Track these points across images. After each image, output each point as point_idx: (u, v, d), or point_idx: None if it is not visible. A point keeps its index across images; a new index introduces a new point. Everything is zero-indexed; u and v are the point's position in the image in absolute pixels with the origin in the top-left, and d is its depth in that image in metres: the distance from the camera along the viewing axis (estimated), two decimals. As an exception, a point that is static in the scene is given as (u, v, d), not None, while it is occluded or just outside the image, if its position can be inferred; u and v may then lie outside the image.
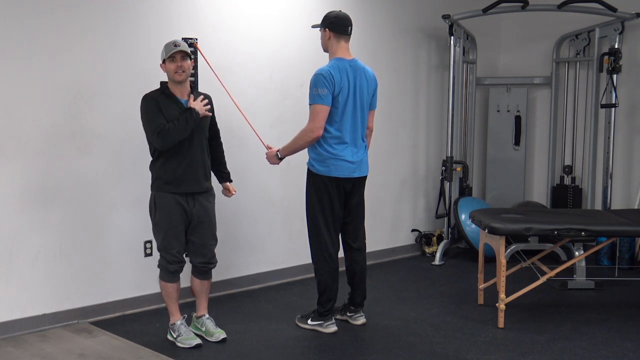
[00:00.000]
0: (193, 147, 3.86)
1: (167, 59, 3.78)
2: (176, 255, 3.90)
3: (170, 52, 3.76)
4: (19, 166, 4.06)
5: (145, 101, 3.82)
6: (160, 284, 3.99)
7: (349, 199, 4.18)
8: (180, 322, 4.00)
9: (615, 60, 5.78)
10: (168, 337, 4.04)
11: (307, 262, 4.55)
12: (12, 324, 4.08)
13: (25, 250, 4.11)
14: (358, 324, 4.31)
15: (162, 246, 3.90)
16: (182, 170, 3.84)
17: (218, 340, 3.99)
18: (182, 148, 3.82)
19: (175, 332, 3.98)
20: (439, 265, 6.00)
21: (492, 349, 3.91)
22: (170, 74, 3.80)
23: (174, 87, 3.85)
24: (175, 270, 3.93)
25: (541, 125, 6.78)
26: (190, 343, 3.92)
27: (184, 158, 3.84)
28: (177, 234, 3.88)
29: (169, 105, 3.80)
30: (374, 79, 4.20)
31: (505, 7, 6.06)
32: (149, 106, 3.79)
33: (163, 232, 3.87)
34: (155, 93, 3.85)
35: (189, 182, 3.86)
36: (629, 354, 3.84)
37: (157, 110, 3.76)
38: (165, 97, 3.83)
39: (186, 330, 3.99)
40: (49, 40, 4.11)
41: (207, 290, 4.12)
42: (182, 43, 3.82)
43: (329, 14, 4.11)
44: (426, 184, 6.53)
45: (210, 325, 4.07)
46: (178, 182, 3.84)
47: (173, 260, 3.90)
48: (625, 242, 5.79)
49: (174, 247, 3.88)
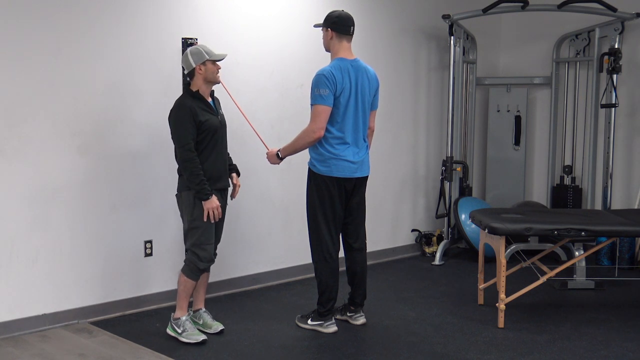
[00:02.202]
0: (222, 146, 4.05)
1: (210, 61, 3.92)
2: (210, 252, 3.99)
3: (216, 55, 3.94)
4: (19, 166, 4.05)
5: (179, 108, 3.91)
6: (180, 278, 4.01)
7: (350, 199, 4.18)
8: (186, 317, 4.04)
9: (615, 60, 5.78)
10: (168, 331, 4.07)
11: (307, 262, 4.55)
12: (12, 324, 4.08)
13: (25, 250, 4.11)
14: (358, 324, 4.31)
15: (197, 242, 3.95)
16: (217, 168, 4.01)
17: (217, 332, 4.08)
18: (215, 147, 3.98)
19: (180, 328, 4.01)
20: (439, 265, 6.00)
21: (492, 349, 3.91)
22: (213, 75, 3.96)
23: (206, 89, 3.99)
24: (205, 268, 4.01)
25: (541, 125, 6.78)
26: (197, 339, 3.96)
27: (218, 156, 4.01)
28: (212, 231, 4.00)
29: (201, 107, 3.94)
30: (375, 79, 4.20)
31: (505, 7, 6.06)
32: (182, 115, 3.88)
33: (202, 228, 3.93)
34: (189, 98, 3.95)
35: (223, 179, 4.07)
36: (629, 354, 3.84)
37: (189, 120, 3.85)
38: (198, 100, 3.95)
39: (191, 327, 4.03)
40: (49, 40, 4.11)
41: (206, 283, 4.21)
42: None
43: (331, 14, 4.11)
44: (426, 184, 6.53)
45: (208, 318, 4.15)
46: (215, 179, 3.99)
47: (206, 257, 3.97)
48: (625, 242, 5.79)
49: (209, 244, 3.97)
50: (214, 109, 4.01)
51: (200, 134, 3.89)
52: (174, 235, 4.68)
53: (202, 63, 3.92)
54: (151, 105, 4.52)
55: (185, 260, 4.02)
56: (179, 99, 3.97)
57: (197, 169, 3.85)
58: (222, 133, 4.05)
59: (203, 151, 3.94)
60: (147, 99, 4.53)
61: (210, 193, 3.89)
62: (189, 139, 3.85)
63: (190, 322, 4.05)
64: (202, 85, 3.96)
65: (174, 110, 3.92)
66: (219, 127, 4.01)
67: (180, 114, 3.88)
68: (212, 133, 3.94)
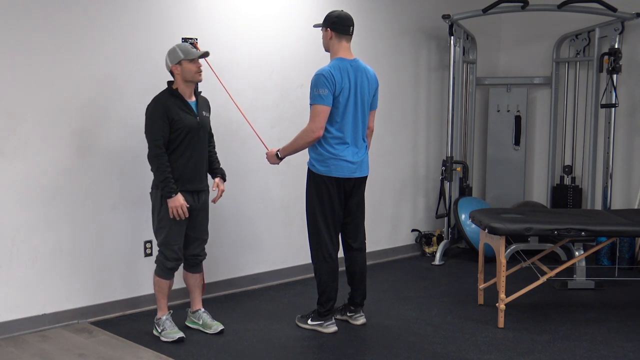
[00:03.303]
0: (198, 148, 3.98)
1: (187, 60, 3.88)
2: (177, 251, 3.98)
3: (196, 54, 3.89)
4: (19, 166, 4.05)
5: (153, 104, 3.91)
6: (154, 279, 4.06)
7: (350, 199, 4.18)
8: (166, 317, 4.07)
9: (615, 60, 5.78)
10: (153, 332, 4.09)
11: (307, 262, 4.55)
12: (12, 324, 4.08)
13: (25, 250, 4.11)
14: (358, 324, 4.31)
15: (164, 242, 3.96)
16: (190, 169, 3.95)
17: (217, 332, 4.08)
18: (189, 148, 3.93)
19: (160, 327, 4.04)
20: (439, 265, 6.00)
21: (492, 349, 3.91)
22: (191, 74, 3.92)
23: (185, 89, 3.95)
24: (172, 267, 4.01)
25: (541, 125, 6.78)
26: (173, 337, 3.98)
27: (191, 157, 3.95)
28: (180, 231, 3.96)
29: (178, 106, 3.90)
30: (375, 79, 4.20)
31: (505, 7, 6.06)
32: (155, 111, 3.88)
33: (167, 228, 3.93)
34: (165, 95, 3.94)
35: (195, 181, 3.99)
36: (629, 354, 3.84)
37: (161, 117, 3.84)
38: (175, 98, 3.92)
39: (170, 325, 4.04)
40: (48, 40, 4.11)
41: (200, 283, 4.22)
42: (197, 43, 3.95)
43: (331, 14, 4.11)
44: (426, 184, 6.53)
45: (207, 318, 4.15)
46: (185, 180, 3.94)
47: (173, 257, 3.97)
48: (625, 242, 5.79)
49: (176, 243, 3.96)
50: (192, 109, 3.96)
51: (172, 133, 3.87)
52: (174, 235, 4.68)
53: (177, 63, 3.90)
54: (151, 105, 4.52)
55: (155, 260, 4.04)
56: (156, 96, 3.95)
57: (164, 166, 3.84)
58: (200, 134, 3.97)
59: (175, 150, 3.90)
60: (147, 99, 4.51)
61: (174, 191, 3.85)
62: (158, 135, 3.84)
63: (170, 320, 4.06)
64: (181, 84, 3.94)
65: (149, 106, 3.92)
66: (196, 128, 3.94)
67: (153, 110, 3.88)
68: (185, 133, 3.89)
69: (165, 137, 3.86)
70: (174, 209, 3.86)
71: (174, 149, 3.90)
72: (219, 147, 4.31)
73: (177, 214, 3.87)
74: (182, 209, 3.87)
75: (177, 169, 3.91)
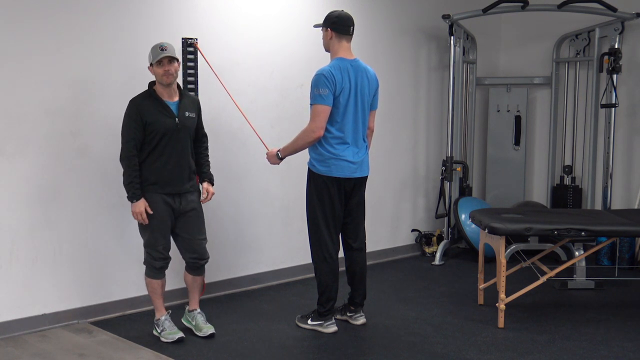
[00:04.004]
0: (178, 150, 3.92)
1: (154, 63, 3.83)
2: (162, 252, 3.98)
3: (158, 57, 3.81)
4: (19, 166, 4.05)
5: (128, 106, 3.90)
6: (145, 280, 4.07)
7: (350, 199, 4.18)
8: (165, 317, 4.07)
9: (615, 60, 5.78)
10: (153, 332, 4.09)
11: (307, 262, 4.55)
12: (12, 324, 4.08)
13: (25, 250, 4.11)
14: (358, 324, 4.31)
15: (148, 243, 3.98)
16: (168, 172, 3.91)
17: (205, 336, 4.04)
18: (166, 150, 3.89)
19: (160, 327, 4.04)
20: (439, 265, 6.00)
21: (492, 349, 3.91)
22: (158, 77, 3.87)
23: (162, 90, 3.91)
24: (161, 266, 4.01)
25: (541, 125, 6.78)
26: (173, 337, 3.98)
27: (169, 160, 3.90)
28: (162, 231, 3.95)
29: (154, 107, 3.87)
30: (375, 79, 4.20)
31: (505, 7, 6.06)
32: (129, 113, 3.87)
33: (149, 230, 3.93)
34: (141, 97, 3.92)
35: (174, 184, 3.94)
36: (629, 354, 3.84)
37: (134, 119, 3.82)
38: (152, 100, 3.89)
39: (170, 325, 4.04)
40: (48, 39, 4.11)
41: (199, 285, 4.20)
42: (169, 46, 3.86)
43: (331, 14, 4.11)
44: (426, 184, 6.53)
45: (201, 320, 4.13)
46: (163, 183, 3.91)
47: (159, 257, 3.98)
48: (625, 242, 5.79)
49: (159, 244, 3.96)
50: (171, 110, 3.90)
51: (147, 135, 3.84)
52: (174, 235, 4.68)
53: (150, 65, 3.89)
54: (151, 105, 4.52)
55: (144, 261, 4.05)
56: (133, 97, 3.92)
57: (131, 169, 3.82)
58: (178, 136, 3.89)
59: (152, 152, 3.86)
60: (147, 99, 4.53)
61: (136, 196, 3.83)
62: (130, 137, 3.82)
63: (169, 321, 4.06)
64: (158, 85, 3.91)
65: (127, 107, 3.90)
66: (173, 130, 3.87)
67: (127, 112, 3.87)
68: (161, 135, 3.84)
69: (138, 139, 3.82)
70: (134, 214, 3.87)
71: (150, 151, 3.86)
72: (219, 148, 4.31)
73: (138, 219, 3.87)
74: (141, 215, 3.85)
75: (155, 171, 3.88)
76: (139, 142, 3.84)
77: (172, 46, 3.88)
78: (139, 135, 3.83)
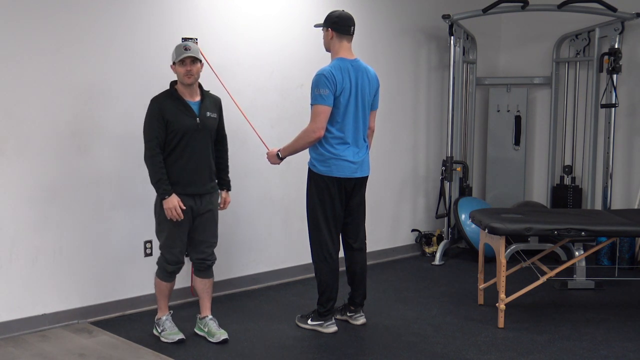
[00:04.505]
0: (199, 150, 3.89)
1: (177, 62, 3.81)
2: (177, 255, 3.93)
3: (180, 56, 3.79)
4: (19, 166, 4.05)
5: (150, 105, 3.87)
6: (155, 280, 4.03)
7: (350, 199, 4.18)
8: (166, 317, 4.04)
9: (615, 60, 5.78)
10: (153, 332, 4.08)
11: (307, 262, 4.55)
12: (12, 324, 4.08)
13: (25, 250, 4.11)
14: (358, 324, 4.31)
15: (164, 245, 3.93)
16: (189, 172, 3.87)
17: (219, 341, 3.97)
18: (187, 150, 3.85)
19: (160, 327, 4.02)
20: (439, 265, 6.00)
21: (492, 349, 3.91)
22: (180, 77, 3.85)
23: (183, 89, 3.88)
24: (173, 270, 3.97)
25: (541, 125, 6.78)
26: (173, 338, 3.96)
27: (190, 160, 3.87)
28: (180, 234, 3.90)
29: (175, 106, 3.84)
30: (375, 79, 4.20)
31: (505, 7, 6.06)
32: (151, 112, 3.84)
33: (167, 231, 3.88)
34: (163, 96, 3.89)
35: (195, 184, 3.90)
36: (629, 354, 3.84)
37: (157, 118, 3.80)
38: (173, 99, 3.86)
39: (170, 326, 4.02)
40: (48, 40, 4.11)
41: (209, 289, 4.11)
42: (193, 46, 3.85)
43: (332, 14, 4.11)
44: (426, 184, 6.53)
45: (213, 326, 4.06)
46: (185, 184, 3.86)
47: (173, 260, 3.93)
48: (625, 242, 5.79)
49: (176, 247, 3.91)
50: (192, 110, 3.87)
51: (168, 134, 3.81)
52: (174, 235, 4.69)
53: (172, 64, 3.87)
54: (151, 105, 4.52)
55: (157, 261, 4.01)
56: (155, 96, 3.90)
57: (157, 167, 3.78)
58: (199, 136, 3.87)
59: (172, 152, 3.84)
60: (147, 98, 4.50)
61: (167, 192, 3.79)
62: (152, 135, 3.79)
63: (170, 321, 4.04)
64: (179, 84, 3.89)
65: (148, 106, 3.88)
66: (194, 130, 3.84)
67: (149, 111, 3.85)
68: (181, 134, 3.81)
69: (161, 137, 3.80)
70: (168, 210, 3.79)
71: (170, 150, 3.84)
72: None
73: (172, 215, 3.80)
74: (176, 210, 3.79)
75: (176, 171, 3.85)
76: (162, 140, 3.81)
77: (196, 46, 3.87)
78: (162, 134, 3.80)
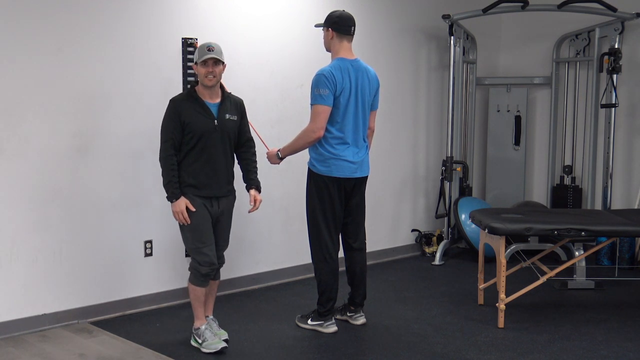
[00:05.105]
0: (216, 152, 3.83)
1: (199, 62, 3.76)
2: (207, 253, 3.81)
3: (203, 57, 3.75)
4: (19, 166, 4.05)
5: (168, 105, 3.83)
6: (189, 287, 3.89)
7: (350, 199, 4.18)
8: (205, 326, 3.90)
9: (615, 60, 5.78)
10: (192, 343, 3.93)
11: (307, 262, 4.55)
12: (12, 324, 4.08)
13: (25, 250, 4.11)
14: (358, 324, 4.31)
15: (192, 248, 3.84)
16: (206, 174, 3.81)
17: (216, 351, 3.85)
18: (205, 152, 3.80)
19: (201, 338, 3.88)
20: (439, 265, 6.00)
21: (492, 349, 3.91)
22: (201, 77, 3.80)
23: (204, 91, 3.83)
24: (207, 273, 3.83)
25: (541, 125, 6.78)
26: (216, 347, 3.81)
27: (208, 162, 3.81)
28: (206, 234, 3.81)
29: (193, 107, 3.78)
30: (375, 80, 4.19)
31: (505, 7, 6.06)
32: (169, 113, 3.80)
33: (191, 234, 3.81)
34: (181, 96, 3.86)
35: (212, 187, 3.84)
36: (629, 354, 3.84)
37: (173, 119, 3.76)
38: (192, 100, 3.81)
39: (211, 335, 3.87)
40: (48, 40, 4.10)
41: (214, 291, 4.08)
42: (216, 47, 3.80)
43: (332, 14, 4.10)
44: (426, 184, 6.53)
45: (214, 326, 4.03)
46: (202, 186, 3.81)
47: (204, 261, 3.80)
48: (625, 242, 5.79)
49: (205, 246, 3.81)
50: (210, 112, 3.82)
51: (185, 135, 3.77)
52: (173, 235, 4.66)
53: (195, 63, 3.83)
54: (151, 104, 4.51)
55: (189, 267, 3.91)
56: (174, 96, 3.88)
57: (169, 169, 3.74)
58: (217, 138, 3.81)
59: (189, 154, 3.79)
60: (147, 98, 4.53)
61: (175, 195, 3.74)
62: (168, 136, 3.75)
63: (210, 330, 3.89)
64: (200, 85, 3.84)
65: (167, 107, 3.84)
66: (211, 132, 3.79)
67: (167, 111, 3.81)
68: (198, 136, 3.76)
69: (176, 139, 3.76)
70: (175, 213, 3.76)
71: (187, 152, 3.79)
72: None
73: (179, 219, 3.76)
74: (182, 214, 3.74)
75: (192, 173, 3.80)
76: (177, 142, 3.76)
77: (219, 48, 3.81)
78: (177, 135, 3.75)
